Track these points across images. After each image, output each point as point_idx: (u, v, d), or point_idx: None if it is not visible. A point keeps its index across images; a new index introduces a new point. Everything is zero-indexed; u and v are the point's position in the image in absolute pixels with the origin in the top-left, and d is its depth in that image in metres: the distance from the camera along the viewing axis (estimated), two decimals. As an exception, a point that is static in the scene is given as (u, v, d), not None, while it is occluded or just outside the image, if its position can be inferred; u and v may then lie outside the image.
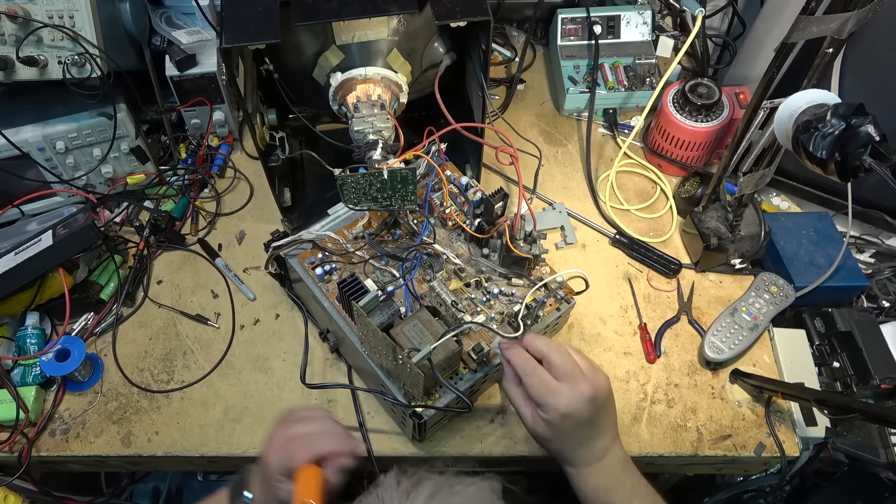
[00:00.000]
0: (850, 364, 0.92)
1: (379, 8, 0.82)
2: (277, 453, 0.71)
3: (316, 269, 0.88)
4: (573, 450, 0.72)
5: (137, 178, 1.08)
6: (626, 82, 1.21)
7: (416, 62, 0.94)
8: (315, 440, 0.71)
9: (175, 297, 1.01)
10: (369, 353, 0.81)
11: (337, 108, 0.92)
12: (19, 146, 0.96)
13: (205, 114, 1.12)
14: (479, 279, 0.87)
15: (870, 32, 0.90)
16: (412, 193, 0.83)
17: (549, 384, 0.69)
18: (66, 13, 0.89)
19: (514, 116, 1.25)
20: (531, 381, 0.70)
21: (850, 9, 0.75)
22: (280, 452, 0.71)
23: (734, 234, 1.01)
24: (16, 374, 0.91)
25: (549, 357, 0.70)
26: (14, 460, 0.87)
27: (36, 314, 0.95)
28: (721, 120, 1.09)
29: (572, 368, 0.69)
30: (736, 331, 0.95)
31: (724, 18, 1.29)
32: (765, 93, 0.85)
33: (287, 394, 0.91)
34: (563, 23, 1.25)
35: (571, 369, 0.69)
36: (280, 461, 0.70)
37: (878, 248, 1.08)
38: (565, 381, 0.69)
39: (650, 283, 1.03)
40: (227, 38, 0.78)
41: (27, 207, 1.04)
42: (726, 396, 0.93)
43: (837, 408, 0.76)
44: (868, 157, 0.63)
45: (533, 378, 0.70)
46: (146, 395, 0.91)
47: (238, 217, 1.10)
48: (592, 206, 1.13)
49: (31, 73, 0.91)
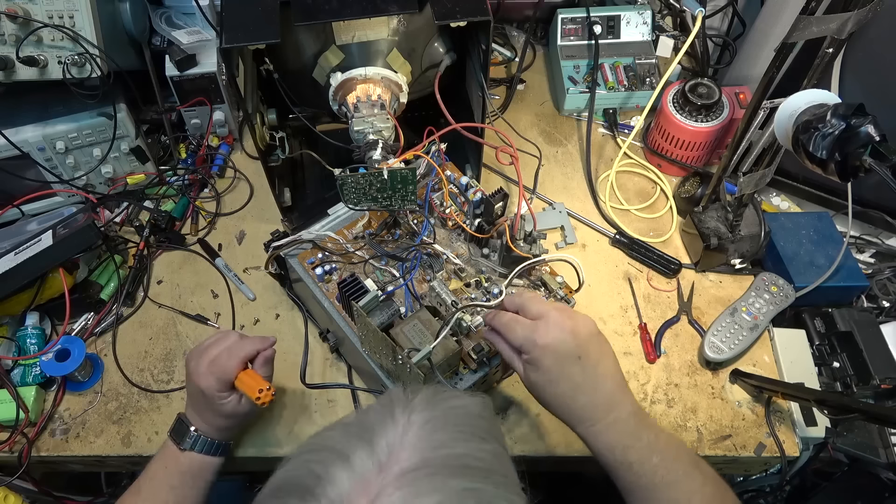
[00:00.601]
0: (850, 364, 0.92)
1: (379, 8, 0.82)
2: (208, 376, 0.77)
3: (316, 269, 0.88)
4: (573, 397, 0.68)
5: (137, 178, 1.08)
6: (626, 82, 1.21)
7: (416, 62, 0.94)
8: (235, 348, 0.79)
9: (175, 297, 1.01)
10: (369, 353, 0.81)
11: (337, 108, 0.92)
12: (19, 146, 0.96)
13: (205, 114, 1.12)
14: (479, 279, 0.87)
15: (870, 32, 0.90)
16: (412, 193, 0.83)
17: (524, 324, 0.69)
18: (66, 13, 0.89)
19: (514, 116, 1.25)
20: (510, 331, 0.70)
21: (850, 9, 0.75)
22: (211, 374, 0.77)
23: (734, 234, 1.01)
24: (16, 374, 0.91)
25: (524, 305, 0.71)
26: (14, 460, 0.87)
27: (36, 314, 0.95)
28: (721, 120, 1.09)
29: (546, 307, 0.69)
30: (736, 331, 0.95)
31: (724, 18, 1.29)
32: (765, 93, 0.85)
33: (287, 394, 0.91)
34: (563, 23, 1.25)
35: (546, 309, 0.69)
36: (216, 380, 0.76)
37: (878, 248, 1.08)
38: (540, 319, 0.69)
39: (650, 283, 1.03)
40: (227, 38, 0.78)
41: (27, 207, 1.04)
42: (726, 396, 0.93)
43: (837, 408, 0.76)
44: (868, 157, 0.63)
45: (510, 326, 0.70)
46: (146, 395, 0.92)
47: (238, 217, 1.10)
48: (592, 206, 1.13)
49: (31, 73, 0.91)
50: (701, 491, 0.68)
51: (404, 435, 0.48)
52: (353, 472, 0.45)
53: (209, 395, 0.77)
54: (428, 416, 0.50)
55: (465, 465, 0.48)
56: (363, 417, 0.52)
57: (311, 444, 0.50)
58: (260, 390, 0.75)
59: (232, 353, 0.78)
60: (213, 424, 0.80)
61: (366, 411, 0.54)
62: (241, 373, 0.78)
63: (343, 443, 0.48)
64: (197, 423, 0.80)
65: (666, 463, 0.68)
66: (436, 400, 0.52)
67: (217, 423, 0.80)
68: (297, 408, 0.90)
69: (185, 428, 0.80)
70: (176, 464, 0.79)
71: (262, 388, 0.75)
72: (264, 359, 0.81)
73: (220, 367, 0.77)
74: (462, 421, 0.51)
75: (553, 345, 0.67)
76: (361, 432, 0.48)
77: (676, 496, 0.68)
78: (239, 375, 0.77)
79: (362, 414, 0.53)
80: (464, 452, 0.48)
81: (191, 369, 0.79)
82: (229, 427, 0.81)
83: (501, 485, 0.49)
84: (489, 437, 0.51)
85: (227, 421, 0.80)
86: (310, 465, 0.47)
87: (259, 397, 0.75)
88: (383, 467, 0.45)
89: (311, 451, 0.49)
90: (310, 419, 0.89)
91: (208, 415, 0.79)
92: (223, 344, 0.80)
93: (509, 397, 0.91)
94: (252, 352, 0.80)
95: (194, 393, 0.79)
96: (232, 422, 0.81)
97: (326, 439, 0.49)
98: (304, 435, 0.88)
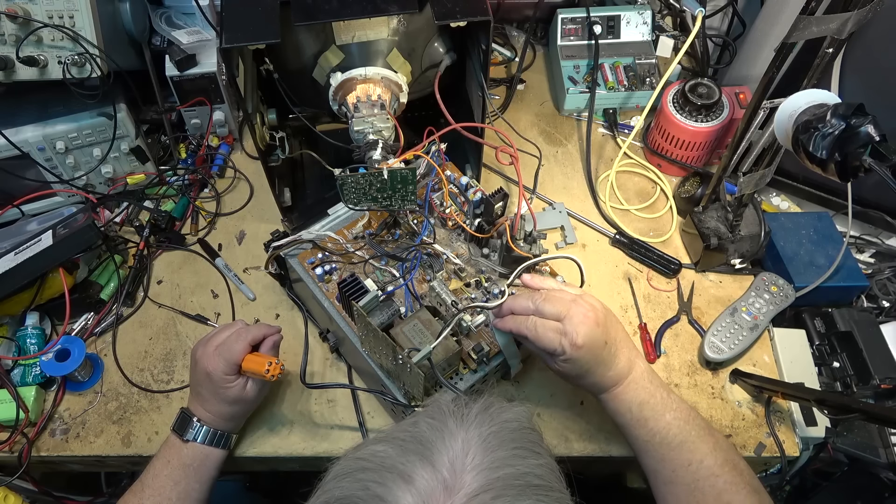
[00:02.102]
0: (850, 364, 0.92)
1: (379, 8, 0.82)
2: (215, 358, 0.78)
3: (316, 269, 0.88)
4: (603, 374, 0.73)
5: (137, 178, 1.08)
6: (626, 82, 1.21)
7: (416, 62, 0.94)
8: (243, 333, 0.80)
9: (175, 297, 1.01)
10: (369, 353, 0.81)
11: (337, 108, 0.92)
12: (19, 146, 0.96)
13: (205, 114, 1.12)
14: (479, 279, 0.87)
15: (870, 32, 0.90)
16: (412, 193, 0.83)
17: (554, 329, 0.71)
18: (66, 13, 0.89)
19: (514, 116, 1.25)
20: (544, 340, 0.71)
21: (850, 9, 0.75)
22: (219, 356, 0.78)
23: (734, 234, 1.01)
24: (16, 374, 0.91)
25: (541, 309, 0.72)
26: (14, 460, 0.87)
27: (36, 314, 0.95)
28: (721, 120, 1.09)
29: (564, 307, 0.71)
30: (736, 331, 0.95)
31: (724, 18, 1.29)
32: (765, 93, 0.85)
33: (287, 393, 0.91)
34: (563, 23, 1.25)
35: (565, 308, 0.71)
36: (223, 361, 0.78)
37: (878, 248, 1.08)
38: (565, 320, 0.70)
39: (650, 282, 1.03)
40: (227, 38, 0.78)
41: (27, 207, 1.04)
42: (726, 396, 0.93)
43: (837, 408, 0.76)
44: (868, 157, 0.63)
45: (543, 335, 0.71)
46: (146, 395, 0.91)
47: (238, 217, 1.10)
48: (592, 206, 1.13)
49: (31, 73, 0.91)
50: (713, 454, 0.71)
51: (466, 454, 0.48)
52: (418, 496, 0.45)
53: (216, 378, 0.78)
54: (484, 433, 0.50)
55: (528, 484, 0.48)
56: (416, 431, 0.51)
57: (363, 460, 0.49)
58: (269, 363, 0.77)
59: (239, 336, 0.80)
60: (217, 413, 0.80)
61: (415, 423, 0.53)
62: (248, 355, 0.80)
63: (401, 461, 0.47)
64: (200, 412, 0.80)
65: (678, 422, 0.72)
66: (489, 414, 0.53)
67: (222, 411, 0.80)
68: (297, 408, 0.90)
69: (189, 419, 0.80)
70: (179, 457, 0.79)
71: (270, 362, 0.77)
72: (272, 342, 0.83)
73: (227, 348, 0.79)
74: (517, 436, 0.52)
75: (588, 344, 0.70)
76: (419, 448, 0.48)
77: (688, 457, 0.71)
78: (246, 357, 0.79)
79: (412, 426, 0.53)
80: (525, 471, 0.49)
81: (198, 356, 0.80)
82: (233, 415, 0.82)
83: (560, 500, 0.50)
84: (542, 451, 0.52)
85: (232, 408, 0.81)
86: (368, 485, 0.46)
87: (268, 370, 0.77)
88: (449, 489, 0.45)
89: (365, 470, 0.48)
90: (310, 419, 0.89)
91: (213, 402, 0.80)
92: (231, 329, 0.82)
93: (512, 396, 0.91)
94: (259, 336, 0.82)
95: (201, 380, 0.80)
96: (237, 409, 0.81)
97: (381, 456, 0.49)
98: (304, 434, 0.88)
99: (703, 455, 0.71)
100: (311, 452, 0.87)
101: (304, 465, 0.91)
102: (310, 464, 0.90)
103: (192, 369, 0.81)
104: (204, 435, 0.80)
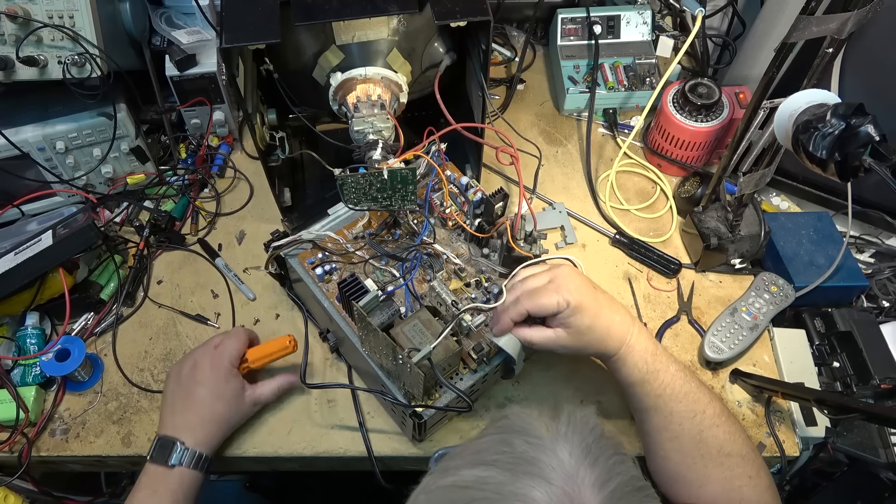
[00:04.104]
0: (850, 364, 0.92)
1: (379, 8, 0.82)
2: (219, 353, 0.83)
3: (316, 269, 0.88)
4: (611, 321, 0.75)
5: (137, 178, 1.08)
6: (626, 82, 1.21)
7: (416, 62, 0.94)
8: (232, 333, 0.86)
9: (175, 297, 1.01)
10: (369, 353, 0.81)
11: (337, 108, 0.92)
12: (19, 146, 0.96)
13: (205, 114, 1.12)
14: (479, 279, 0.87)
15: (870, 32, 0.90)
16: (412, 193, 0.83)
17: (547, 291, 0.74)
18: (66, 13, 0.89)
19: (514, 116, 1.25)
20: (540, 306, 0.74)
21: (850, 9, 0.75)
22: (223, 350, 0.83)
23: (734, 234, 1.01)
24: (16, 374, 0.91)
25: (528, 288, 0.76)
26: (14, 460, 0.87)
27: (36, 314, 0.95)
28: (721, 120, 1.09)
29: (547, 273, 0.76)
30: (736, 331, 0.95)
31: (724, 18, 1.29)
32: (765, 93, 0.85)
33: (287, 393, 0.91)
34: (563, 23, 1.25)
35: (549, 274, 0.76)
36: (234, 349, 0.84)
37: (878, 248, 1.08)
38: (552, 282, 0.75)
39: (650, 282, 1.03)
40: (227, 38, 0.78)
41: (27, 207, 1.04)
42: (726, 396, 0.93)
43: (837, 408, 0.76)
44: (868, 157, 0.63)
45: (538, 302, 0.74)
46: (146, 395, 0.91)
47: (238, 217, 1.10)
48: (592, 206, 1.13)
49: (31, 73, 0.91)
50: (712, 404, 0.75)
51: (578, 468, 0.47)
52: None
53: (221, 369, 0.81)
54: (582, 444, 0.50)
55: (636, 489, 0.49)
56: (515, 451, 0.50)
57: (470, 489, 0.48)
58: (289, 342, 0.85)
59: (232, 335, 0.85)
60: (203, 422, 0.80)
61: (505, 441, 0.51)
62: (249, 350, 0.85)
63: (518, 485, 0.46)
64: (182, 434, 0.79)
65: (681, 372, 0.76)
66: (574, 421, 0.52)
67: (213, 414, 0.81)
68: (297, 408, 0.90)
69: (170, 443, 0.78)
70: (166, 485, 0.76)
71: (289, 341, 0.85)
72: None
73: (229, 343, 0.84)
74: (605, 443, 0.51)
75: (582, 289, 0.74)
76: (529, 468, 0.47)
77: (693, 408, 0.74)
78: (248, 351, 0.85)
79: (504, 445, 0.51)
80: (631, 475, 0.49)
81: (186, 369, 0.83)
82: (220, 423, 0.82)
83: (656, 496, 0.51)
84: (622, 452, 0.52)
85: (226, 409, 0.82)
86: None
87: (286, 346, 0.85)
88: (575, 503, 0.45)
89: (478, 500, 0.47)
90: (310, 419, 0.89)
91: (204, 407, 0.80)
92: (218, 337, 0.86)
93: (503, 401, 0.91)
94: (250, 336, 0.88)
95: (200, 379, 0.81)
96: (229, 411, 0.82)
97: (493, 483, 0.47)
98: (304, 434, 0.88)
99: (705, 405, 0.74)
100: (311, 452, 0.87)
101: (304, 465, 0.91)
102: (310, 464, 0.90)
103: (176, 382, 0.82)
104: (189, 457, 0.78)
